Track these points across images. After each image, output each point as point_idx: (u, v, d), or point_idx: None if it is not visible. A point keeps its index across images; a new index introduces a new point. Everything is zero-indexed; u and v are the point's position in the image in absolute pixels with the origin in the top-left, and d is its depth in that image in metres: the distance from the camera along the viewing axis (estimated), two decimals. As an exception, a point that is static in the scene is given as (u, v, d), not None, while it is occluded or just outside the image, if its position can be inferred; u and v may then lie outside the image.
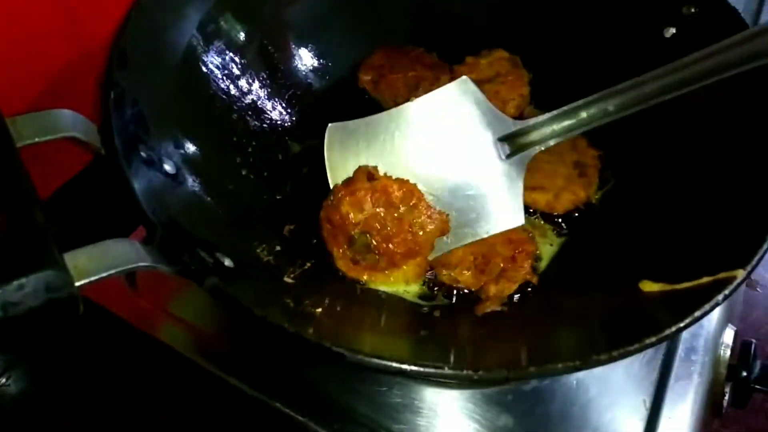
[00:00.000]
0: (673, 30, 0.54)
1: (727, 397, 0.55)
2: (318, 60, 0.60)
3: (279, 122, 0.58)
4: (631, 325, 0.37)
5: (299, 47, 0.60)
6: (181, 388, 0.52)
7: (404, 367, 0.32)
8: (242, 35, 0.54)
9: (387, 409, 0.46)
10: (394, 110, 0.51)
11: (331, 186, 0.51)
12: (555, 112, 0.47)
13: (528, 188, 0.53)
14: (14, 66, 0.46)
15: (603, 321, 0.39)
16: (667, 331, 0.34)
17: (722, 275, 0.37)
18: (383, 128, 0.51)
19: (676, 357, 0.51)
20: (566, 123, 0.47)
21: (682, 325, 0.34)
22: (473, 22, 0.63)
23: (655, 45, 0.55)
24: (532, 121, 0.49)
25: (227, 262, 0.40)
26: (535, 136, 0.49)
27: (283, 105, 0.58)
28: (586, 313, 0.41)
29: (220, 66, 0.53)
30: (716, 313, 0.53)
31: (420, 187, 0.50)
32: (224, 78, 0.53)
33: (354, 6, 0.60)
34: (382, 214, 0.48)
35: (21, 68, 0.47)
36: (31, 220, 0.30)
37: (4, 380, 0.52)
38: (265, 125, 0.57)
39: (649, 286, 0.41)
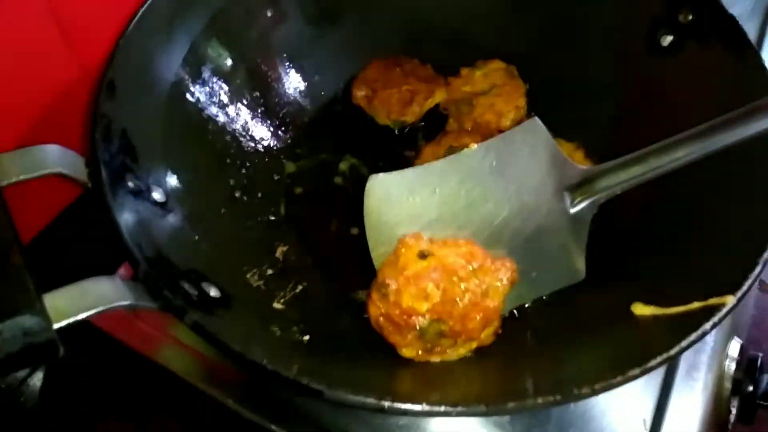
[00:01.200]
0: (670, 38, 0.53)
1: (733, 412, 0.54)
2: (310, 78, 0.60)
3: (273, 142, 0.58)
4: (617, 355, 0.36)
5: (289, 67, 0.59)
6: (181, 412, 0.53)
7: (383, 404, 0.32)
8: (229, 61, 0.54)
9: None
10: (451, 157, 0.46)
11: (371, 245, 0.46)
12: (624, 159, 0.44)
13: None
14: (5, 96, 0.46)
15: (590, 349, 0.39)
16: (653, 362, 0.33)
17: (712, 301, 0.36)
18: (436, 178, 0.45)
19: (677, 373, 0.50)
20: (635, 169, 0.43)
21: (667, 356, 0.33)
22: (468, 34, 0.62)
23: (652, 53, 0.54)
24: (600, 167, 0.45)
25: (213, 292, 0.40)
26: (602, 183, 0.45)
27: (277, 124, 0.58)
28: (574, 339, 0.40)
29: (210, 92, 0.53)
30: (721, 325, 0.52)
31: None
32: (215, 103, 0.53)
33: (343, 23, 0.60)
34: (450, 292, 0.42)
35: (12, 99, 0.47)
36: (7, 262, 0.30)
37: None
38: (259, 146, 0.57)
39: (640, 309, 0.40)
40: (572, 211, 0.46)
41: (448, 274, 0.42)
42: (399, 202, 0.45)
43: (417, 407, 0.32)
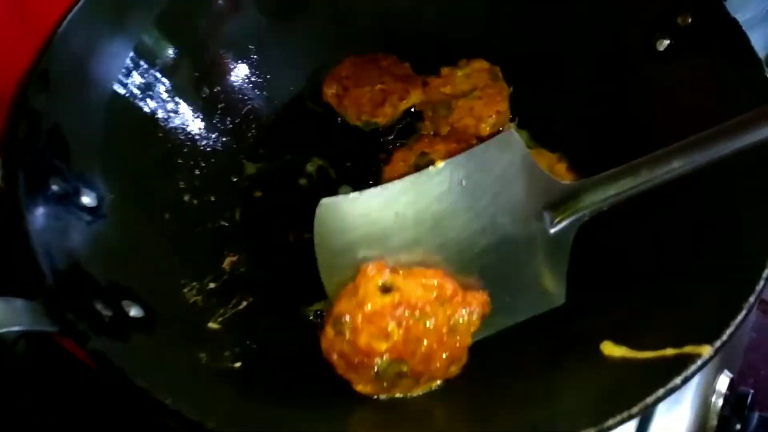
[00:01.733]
0: (666, 42, 0.48)
1: (720, 452, 0.50)
2: (277, 72, 0.56)
3: (234, 141, 0.54)
4: (578, 404, 0.32)
5: (254, 60, 0.55)
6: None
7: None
8: (183, 54, 0.50)
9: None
10: (413, 177, 0.41)
11: (323, 274, 0.42)
12: (612, 172, 0.39)
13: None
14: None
15: (552, 393, 0.34)
16: (611, 421, 0.29)
17: (687, 350, 0.31)
18: (396, 199, 0.41)
19: (657, 408, 0.46)
20: (624, 182, 0.39)
21: (627, 414, 0.29)
22: (450, 31, 0.57)
23: (647, 58, 0.49)
24: (584, 182, 0.41)
25: (134, 312, 0.37)
26: (587, 200, 0.40)
27: (238, 122, 0.54)
28: (537, 380, 0.36)
29: (162, 87, 0.49)
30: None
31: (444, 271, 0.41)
32: (166, 99, 0.49)
33: (313, 14, 0.56)
34: (413, 330, 0.38)
35: None
36: None
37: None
38: (218, 145, 0.53)
39: (610, 350, 0.36)
40: (552, 231, 0.41)
41: (412, 311, 0.38)
42: (354, 228, 0.40)
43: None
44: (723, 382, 0.51)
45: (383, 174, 0.52)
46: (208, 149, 0.52)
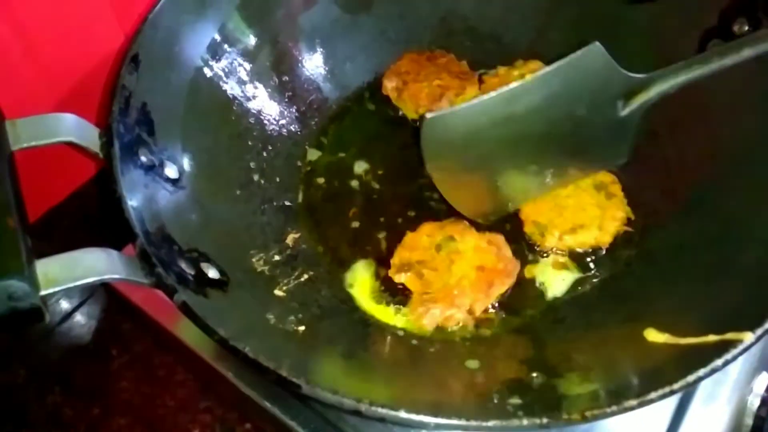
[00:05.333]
0: (723, 48, 0.49)
1: (755, 453, 0.50)
2: (341, 65, 0.59)
3: (299, 128, 0.57)
4: (620, 381, 0.34)
5: (320, 52, 0.59)
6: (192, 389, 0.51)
7: (360, 407, 0.31)
8: (258, 42, 0.54)
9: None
10: (506, 87, 0.46)
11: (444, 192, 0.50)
12: (683, 63, 0.45)
13: (567, 231, 0.50)
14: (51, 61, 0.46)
15: (594, 370, 0.36)
16: (653, 395, 0.31)
17: (729, 336, 0.33)
18: (493, 106, 0.46)
19: (692, 403, 0.47)
20: (694, 70, 0.44)
21: (669, 389, 0.31)
22: (508, 32, 0.60)
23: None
24: (658, 73, 0.46)
25: (212, 273, 0.40)
26: (658, 87, 0.46)
27: (303, 111, 0.57)
28: (578, 357, 0.38)
29: (237, 73, 0.53)
30: (747, 356, 0.48)
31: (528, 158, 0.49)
32: (241, 84, 0.53)
33: (378, 12, 0.59)
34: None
35: (58, 64, 0.47)
36: (2, 226, 0.31)
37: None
38: (284, 131, 0.56)
39: (653, 336, 0.38)
40: (623, 113, 0.47)
41: None
42: (457, 134, 0.47)
43: (394, 413, 0.30)
44: (761, 383, 0.51)
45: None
46: (275, 134, 0.56)
